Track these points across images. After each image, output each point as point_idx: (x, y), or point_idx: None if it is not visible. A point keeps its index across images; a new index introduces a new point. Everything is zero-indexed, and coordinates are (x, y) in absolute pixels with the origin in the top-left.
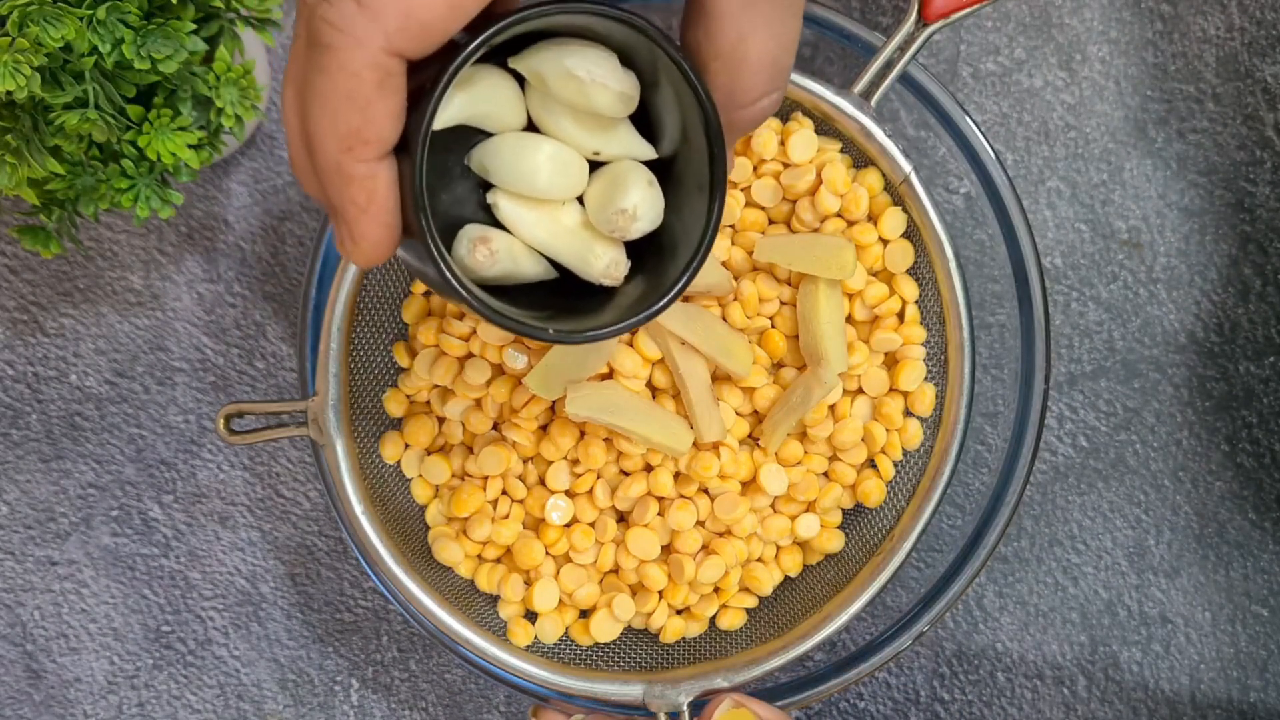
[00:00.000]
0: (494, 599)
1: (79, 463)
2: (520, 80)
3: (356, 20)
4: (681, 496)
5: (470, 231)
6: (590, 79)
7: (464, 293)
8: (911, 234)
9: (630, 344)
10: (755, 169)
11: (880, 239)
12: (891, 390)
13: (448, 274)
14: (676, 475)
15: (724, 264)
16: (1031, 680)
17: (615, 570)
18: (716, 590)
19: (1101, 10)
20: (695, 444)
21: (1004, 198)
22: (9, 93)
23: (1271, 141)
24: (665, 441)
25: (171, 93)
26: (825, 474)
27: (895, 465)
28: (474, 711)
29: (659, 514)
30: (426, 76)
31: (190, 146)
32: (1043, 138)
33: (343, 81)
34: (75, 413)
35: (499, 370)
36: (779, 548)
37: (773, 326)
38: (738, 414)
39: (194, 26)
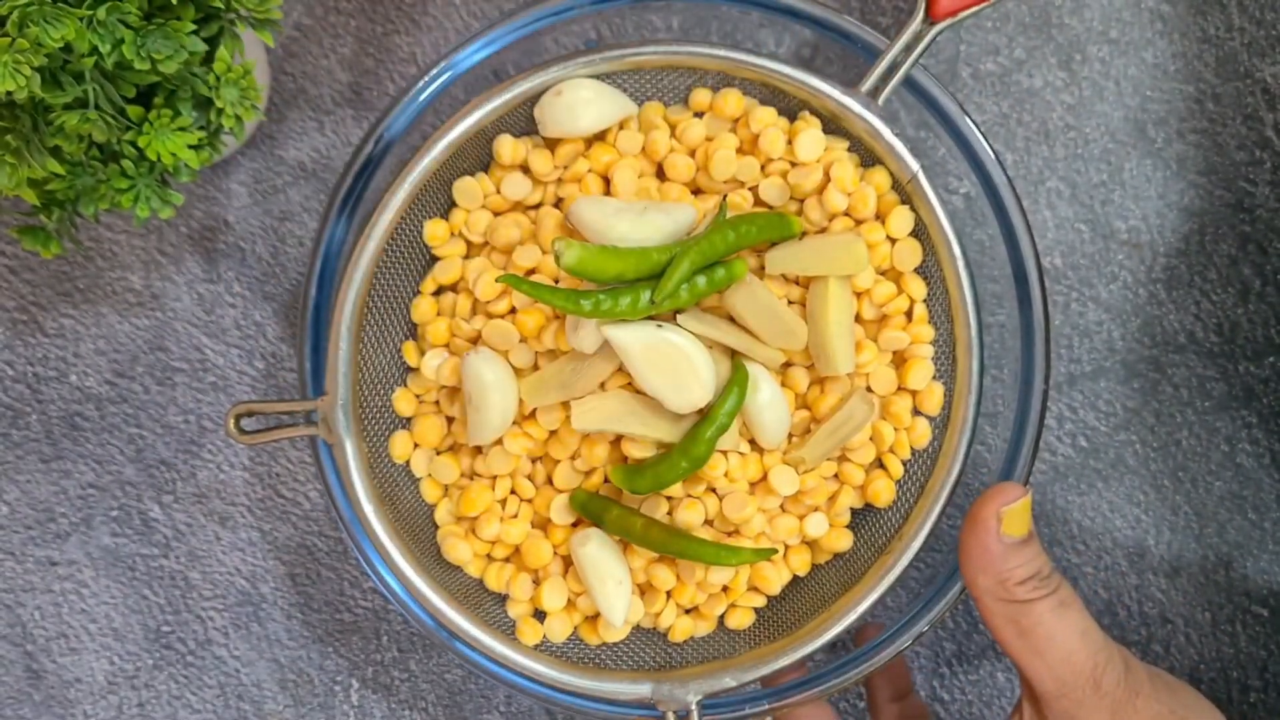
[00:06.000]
0: (502, 598)
1: (79, 463)
2: None
3: None
4: (689, 495)
5: None
6: None
7: None
8: (919, 232)
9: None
10: (763, 168)
11: (888, 237)
12: (900, 389)
13: None
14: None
15: None
16: None
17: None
18: (725, 589)
19: (1101, 10)
20: None
21: (1004, 198)
22: (9, 93)
23: (1271, 141)
24: (675, 441)
25: (171, 93)
26: (835, 475)
27: (904, 464)
28: (474, 711)
29: (667, 513)
30: None
31: (190, 147)
32: (1042, 138)
33: None
34: (75, 413)
35: None
36: (787, 547)
37: None
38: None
39: (194, 27)
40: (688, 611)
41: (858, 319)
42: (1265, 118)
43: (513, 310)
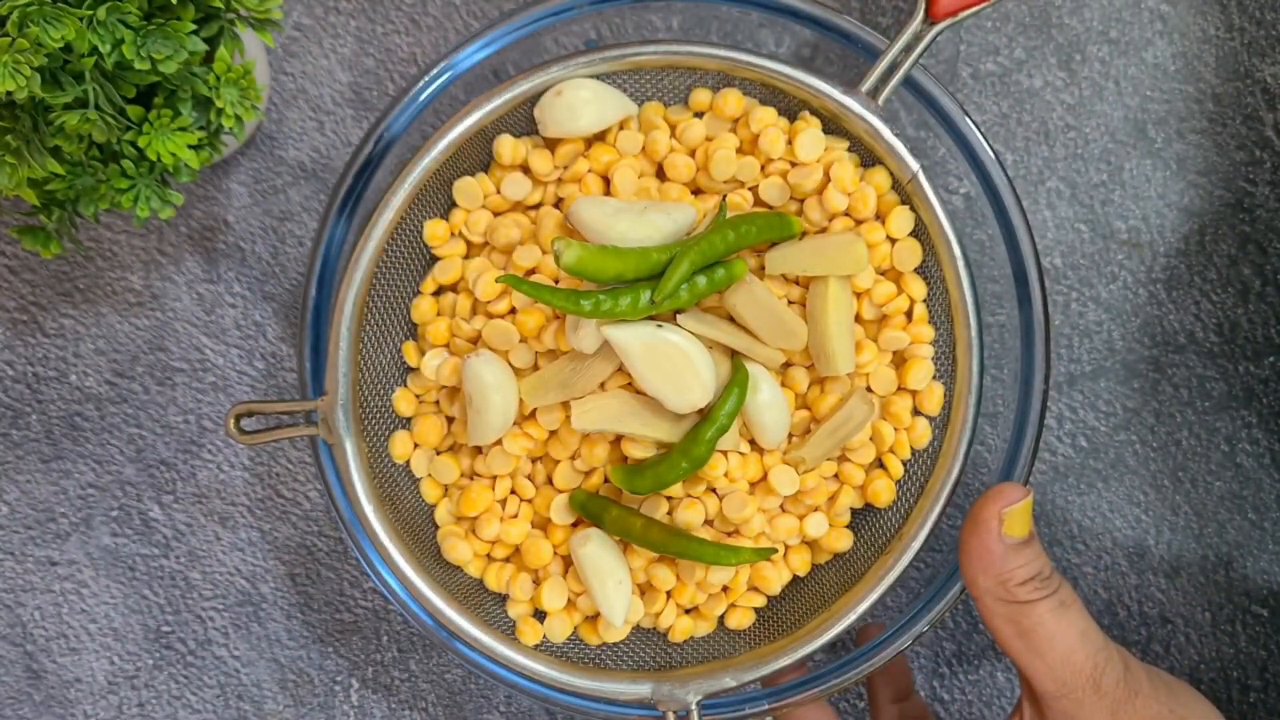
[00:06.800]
0: (502, 598)
1: (79, 463)
2: None
3: None
4: (689, 495)
5: None
6: None
7: None
8: (919, 232)
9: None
10: (763, 168)
11: (888, 237)
12: (900, 389)
13: None
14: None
15: None
16: None
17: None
18: (725, 590)
19: (1101, 10)
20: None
21: (1004, 198)
22: (9, 93)
23: (1271, 142)
24: (675, 441)
25: (171, 93)
26: (835, 475)
27: (904, 464)
28: (474, 711)
29: (667, 513)
30: None
31: (190, 147)
32: (1042, 138)
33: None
34: (75, 413)
35: None
36: (787, 547)
37: None
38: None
39: (194, 27)
40: (688, 611)
41: (858, 319)
42: (1265, 118)
43: (513, 310)
